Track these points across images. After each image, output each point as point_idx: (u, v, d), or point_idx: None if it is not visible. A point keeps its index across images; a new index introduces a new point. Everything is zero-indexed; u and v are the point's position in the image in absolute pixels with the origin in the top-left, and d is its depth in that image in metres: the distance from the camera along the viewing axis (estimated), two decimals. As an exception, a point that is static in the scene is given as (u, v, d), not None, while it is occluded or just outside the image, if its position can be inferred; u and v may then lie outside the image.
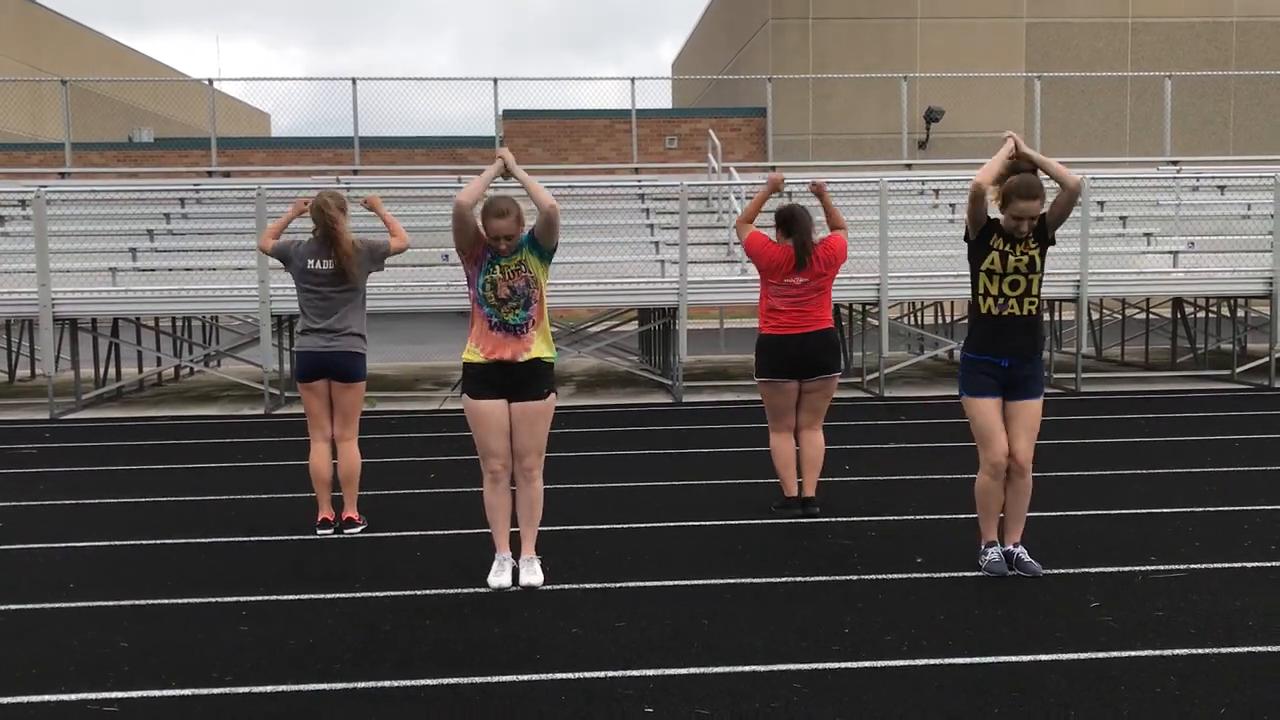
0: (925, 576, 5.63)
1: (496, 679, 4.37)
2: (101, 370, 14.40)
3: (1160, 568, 5.71)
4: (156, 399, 13.81)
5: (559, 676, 4.38)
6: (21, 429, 11.34)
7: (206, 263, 13.85)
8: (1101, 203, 15.61)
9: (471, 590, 5.50)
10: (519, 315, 5.45)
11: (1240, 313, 15.15)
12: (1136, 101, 29.13)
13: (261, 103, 43.77)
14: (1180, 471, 8.20)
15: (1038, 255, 5.49)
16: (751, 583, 5.58)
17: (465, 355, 5.58)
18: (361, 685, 4.33)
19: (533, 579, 5.54)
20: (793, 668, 4.43)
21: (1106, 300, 16.45)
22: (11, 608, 5.34)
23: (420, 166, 25.43)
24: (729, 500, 7.42)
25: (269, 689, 4.31)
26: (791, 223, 6.84)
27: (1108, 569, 5.69)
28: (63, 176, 18.18)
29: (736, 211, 14.60)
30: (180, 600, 5.42)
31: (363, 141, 19.26)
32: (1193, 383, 13.71)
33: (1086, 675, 4.33)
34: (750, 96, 29.24)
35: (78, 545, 6.53)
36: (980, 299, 5.53)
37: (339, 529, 6.71)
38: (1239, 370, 13.79)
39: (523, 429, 5.49)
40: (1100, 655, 4.52)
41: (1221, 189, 17.00)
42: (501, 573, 5.56)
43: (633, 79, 19.81)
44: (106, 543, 6.58)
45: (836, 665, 4.46)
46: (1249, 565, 5.76)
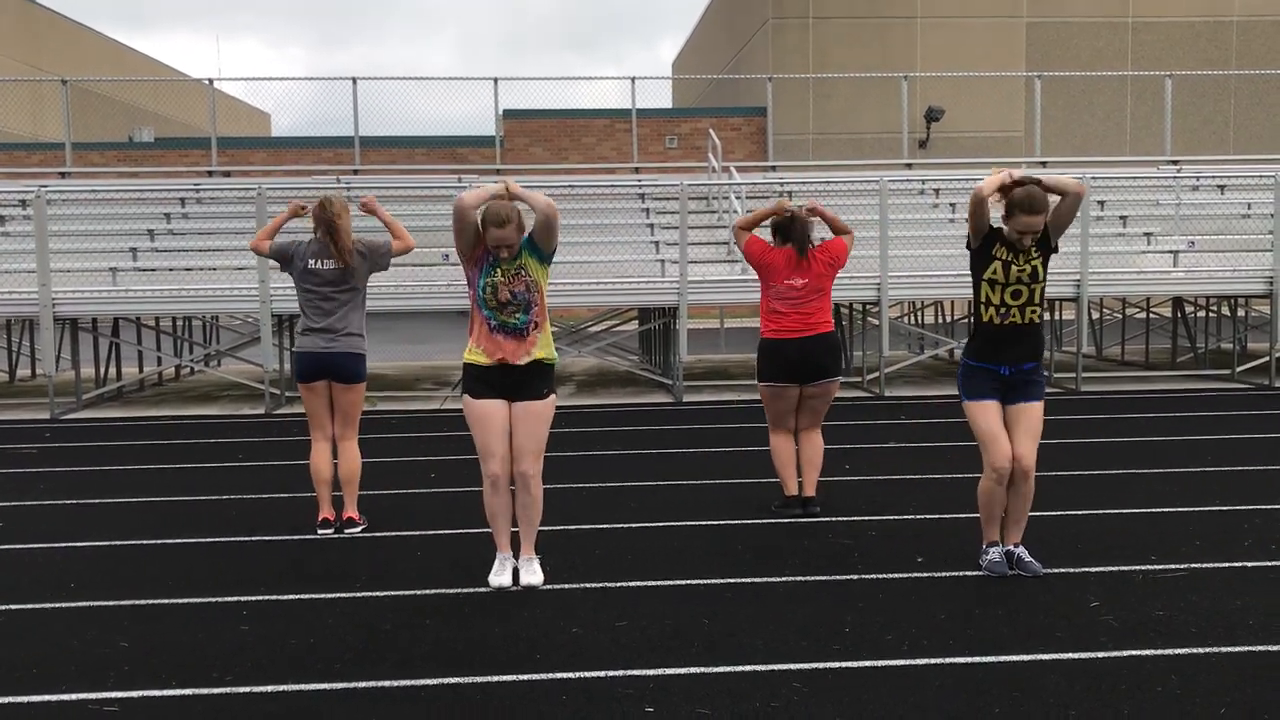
0: (926, 576, 5.63)
1: (497, 679, 4.37)
2: (102, 370, 14.40)
3: (1161, 567, 5.71)
4: (157, 399, 13.81)
5: (559, 676, 4.38)
6: (22, 429, 11.35)
7: (207, 262, 13.86)
8: (1102, 202, 15.61)
9: (472, 590, 5.50)
10: (519, 319, 5.45)
11: (1240, 312, 15.16)
12: (1137, 101, 29.14)
13: (262, 102, 43.82)
14: (1180, 471, 8.20)
15: (1040, 264, 5.45)
16: (752, 582, 5.58)
17: (466, 356, 5.58)
18: (362, 685, 4.33)
19: (533, 579, 5.54)
20: (793, 667, 4.43)
21: (1107, 299, 16.46)
22: (11, 608, 5.34)
23: (420, 166, 25.44)
24: (729, 500, 7.42)
25: (269, 689, 4.31)
26: (790, 228, 6.87)
27: (1108, 568, 5.69)
28: (63, 176, 18.18)
29: (737, 211, 14.60)
30: (181, 600, 5.42)
31: (363, 141, 19.26)
32: (1193, 382, 13.71)
33: (1087, 675, 4.32)
34: (750, 96, 29.23)
35: (78, 545, 6.53)
36: (983, 308, 5.51)
37: (339, 528, 6.71)
38: (1239, 370, 13.79)
39: (522, 429, 5.49)
40: (1101, 655, 4.52)
41: (1222, 188, 16.99)
42: (503, 572, 5.56)
43: (633, 78, 19.83)
44: (106, 543, 6.58)
45: (837, 665, 4.46)
46: (1249, 564, 5.76)
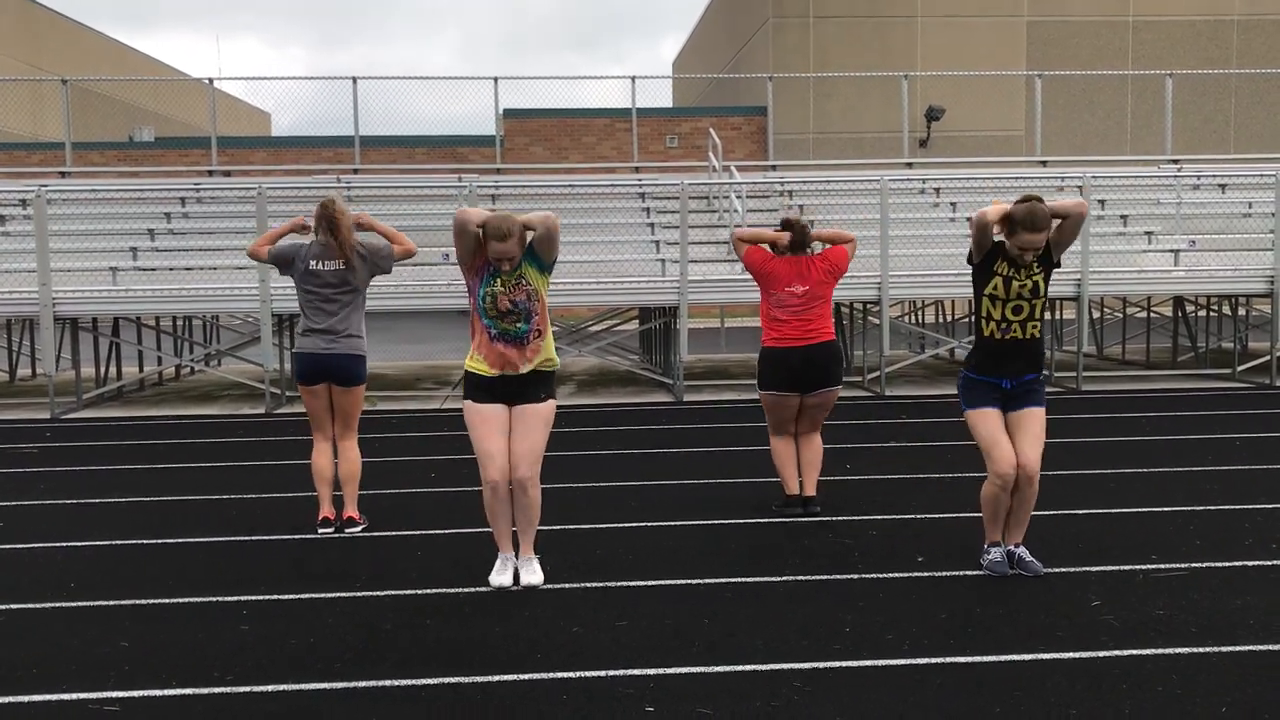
0: (926, 575, 5.63)
1: (497, 678, 4.37)
2: (102, 370, 14.39)
3: (1161, 566, 5.71)
4: (157, 398, 13.81)
5: (559, 675, 4.38)
6: (22, 428, 11.35)
7: (207, 262, 13.85)
8: (1102, 201, 15.60)
9: (472, 589, 5.50)
10: (520, 327, 5.45)
11: (1241, 311, 15.15)
12: (1137, 100, 29.14)
13: (262, 102, 43.81)
14: (1181, 470, 8.19)
15: (1042, 280, 5.46)
16: (752, 582, 5.58)
17: (468, 364, 5.57)
18: (362, 684, 4.33)
19: (533, 578, 5.54)
20: (793, 667, 4.43)
21: (1107, 299, 16.47)
22: (11, 608, 5.34)
23: (421, 166, 25.45)
24: (730, 499, 7.41)
25: (269, 688, 4.31)
26: (790, 225, 6.93)
27: (1109, 568, 5.69)
28: (63, 176, 18.18)
29: (737, 210, 14.60)
30: (181, 600, 5.42)
31: (363, 141, 19.25)
32: (1194, 381, 13.71)
33: (1088, 674, 4.32)
34: (751, 95, 29.23)
35: (78, 545, 6.53)
36: (984, 322, 5.52)
37: (340, 528, 6.71)
38: (1240, 369, 13.78)
39: (520, 431, 5.49)
40: (1101, 654, 4.52)
41: (1222, 187, 16.98)
42: (504, 572, 5.56)
43: (633, 78, 19.81)
44: (107, 542, 6.58)
45: (837, 664, 4.46)
46: (1250, 564, 5.75)
